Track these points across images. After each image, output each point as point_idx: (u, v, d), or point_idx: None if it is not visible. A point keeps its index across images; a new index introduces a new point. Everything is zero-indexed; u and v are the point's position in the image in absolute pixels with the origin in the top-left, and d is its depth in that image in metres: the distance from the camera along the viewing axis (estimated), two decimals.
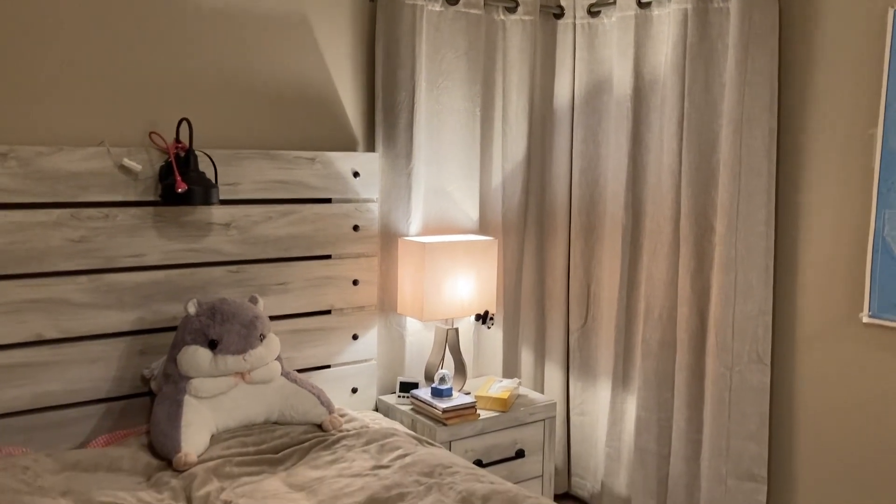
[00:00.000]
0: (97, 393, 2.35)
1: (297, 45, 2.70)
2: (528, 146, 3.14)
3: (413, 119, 2.83)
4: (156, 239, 2.40)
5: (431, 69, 2.88)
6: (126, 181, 2.34)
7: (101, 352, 2.34)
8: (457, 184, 3.00)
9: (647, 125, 2.94)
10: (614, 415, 3.07)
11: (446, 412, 2.63)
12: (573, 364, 3.24)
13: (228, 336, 2.26)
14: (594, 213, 3.15)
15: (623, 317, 3.03)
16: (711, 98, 2.71)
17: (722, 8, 2.66)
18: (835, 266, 2.53)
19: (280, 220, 2.62)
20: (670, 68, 2.77)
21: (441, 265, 2.73)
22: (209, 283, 2.51)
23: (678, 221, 2.80)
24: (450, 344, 2.86)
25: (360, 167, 2.77)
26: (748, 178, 2.60)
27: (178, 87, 2.49)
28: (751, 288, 2.64)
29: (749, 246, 2.63)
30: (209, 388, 2.25)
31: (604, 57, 3.07)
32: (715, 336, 2.67)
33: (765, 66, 2.57)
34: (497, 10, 3.03)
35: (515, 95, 3.09)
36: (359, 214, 2.79)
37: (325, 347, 2.75)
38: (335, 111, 2.81)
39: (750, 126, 2.59)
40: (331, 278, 2.74)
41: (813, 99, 2.55)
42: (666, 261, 2.85)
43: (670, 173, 2.80)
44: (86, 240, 2.29)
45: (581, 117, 3.14)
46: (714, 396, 2.68)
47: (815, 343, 2.59)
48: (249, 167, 2.54)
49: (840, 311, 2.52)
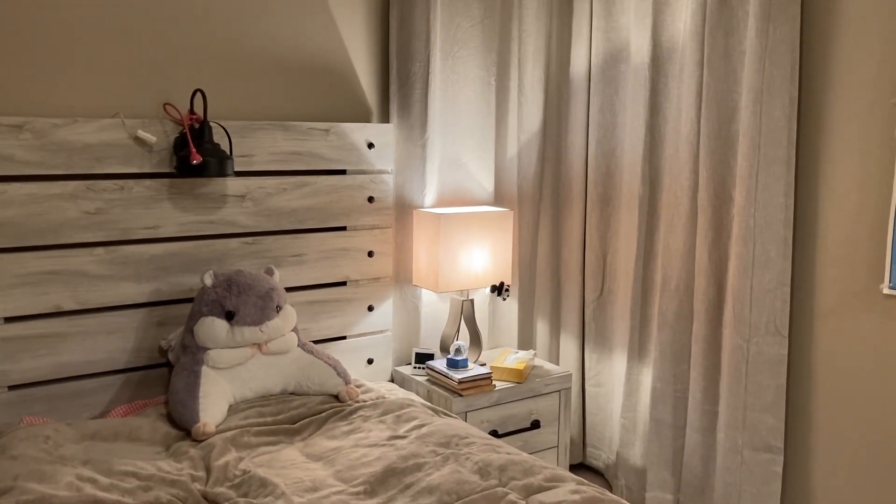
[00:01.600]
0: (115, 364, 2.37)
1: (311, 14, 2.67)
2: (544, 116, 3.11)
3: (428, 89, 2.80)
4: (171, 211, 2.40)
5: (446, 38, 2.85)
6: (141, 153, 2.33)
7: (119, 323, 2.36)
8: (472, 155, 2.98)
9: (664, 94, 2.90)
10: (630, 386, 3.07)
11: (462, 383, 2.64)
12: (588, 336, 3.24)
13: (245, 307, 2.27)
14: (610, 184, 3.12)
15: (639, 288, 3.02)
16: (731, 67, 2.66)
17: None
18: (855, 237, 2.49)
19: (295, 192, 2.61)
20: (689, 36, 2.72)
21: (456, 236, 2.72)
22: (225, 254, 2.51)
23: (696, 192, 2.77)
24: (465, 315, 2.86)
25: (374, 138, 2.75)
26: (768, 149, 2.57)
27: (192, 58, 2.47)
28: (769, 259, 2.61)
29: (768, 217, 2.60)
30: (226, 359, 2.26)
31: (621, 25, 3.02)
32: (732, 308, 2.66)
33: (786, 34, 2.52)
34: None
35: (531, 64, 3.06)
36: (373, 186, 2.77)
37: (341, 318, 2.76)
38: (349, 82, 2.78)
39: (770, 95, 2.54)
40: (346, 250, 2.74)
41: (835, 68, 2.51)
42: (683, 231, 2.82)
43: (688, 143, 2.77)
44: (102, 212, 2.29)
45: (598, 86, 3.10)
46: (731, 368, 2.67)
47: (834, 315, 2.57)
48: (264, 139, 2.53)
49: (860, 282, 2.49)
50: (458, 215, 2.74)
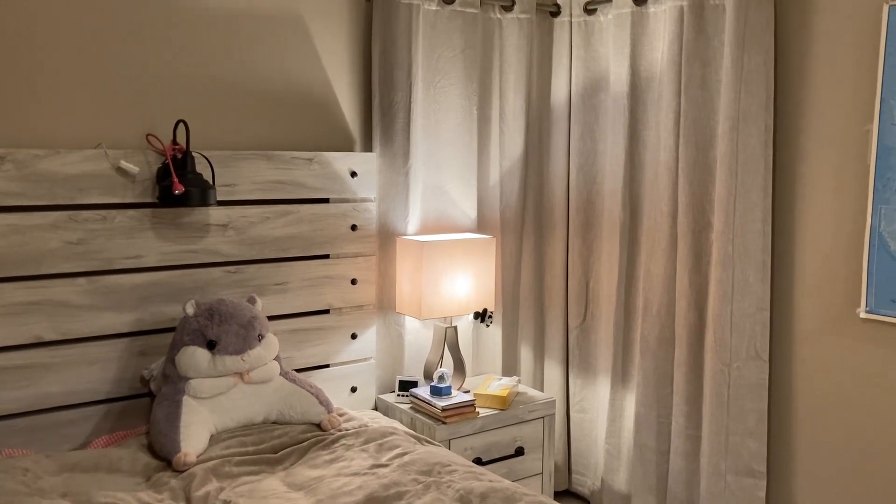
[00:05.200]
0: (96, 394, 2.36)
1: (294, 45, 2.70)
2: (526, 144, 3.15)
3: (410, 118, 2.83)
4: (154, 240, 2.41)
5: (428, 68, 2.89)
6: (123, 183, 2.34)
7: (101, 353, 2.35)
8: (454, 182, 3.01)
9: (643, 122, 2.94)
10: (614, 412, 3.07)
11: (445, 410, 2.64)
12: (572, 361, 3.25)
13: (227, 336, 2.27)
14: (592, 210, 3.15)
15: (622, 313, 3.04)
16: (708, 95, 2.71)
17: (718, 5, 2.66)
18: (832, 262, 2.53)
19: (278, 221, 2.63)
20: (667, 65, 2.77)
21: (439, 264, 2.74)
22: (207, 283, 2.51)
23: (675, 218, 2.81)
24: (448, 342, 2.87)
25: (357, 167, 2.78)
26: (745, 175, 2.61)
27: (175, 88, 2.49)
28: (748, 284, 2.64)
29: (746, 242, 2.63)
30: (208, 389, 2.26)
31: (600, 54, 3.07)
32: (713, 332, 2.68)
33: (761, 63, 2.57)
34: (493, 8, 3.03)
35: (512, 93, 3.10)
36: (356, 214, 2.79)
37: (324, 347, 2.76)
38: (332, 111, 2.81)
39: (746, 123, 2.59)
40: (329, 278, 2.75)
41: (809, 96, 2.56)
42: (664, 257, 2.85)
43: (667, 170, 2.81)
44: (84, 242, 2.30)
45: (578, 115, 3.15)
46: (713, 393, 2.69)
47: (813, 339, 2.60)
48: (247, 168, 2.55)
49: (837, 306, 2.52)
50: (440, 242, 2.76)
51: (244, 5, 2.59)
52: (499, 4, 3.02)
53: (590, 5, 3.07)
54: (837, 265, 2.51)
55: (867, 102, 2.40)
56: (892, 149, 2.34)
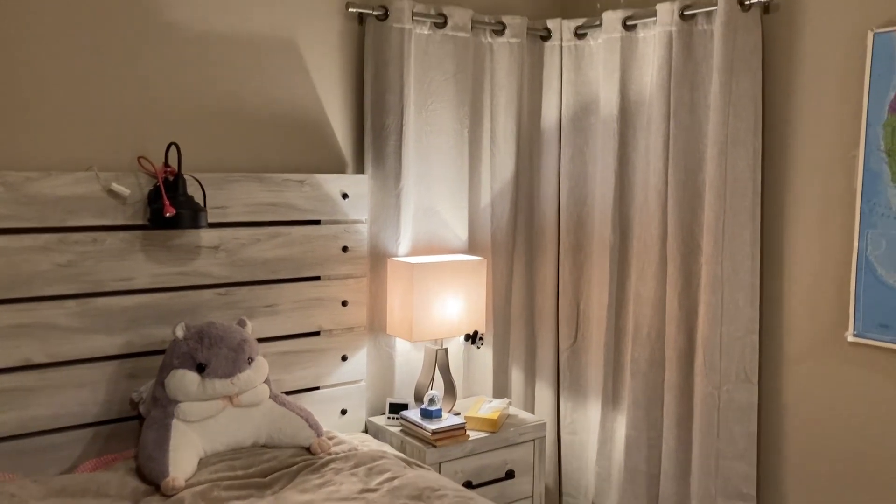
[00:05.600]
0: (85, 417, 2.35)
1: (286, 68, 2.72)
2: (517, 166, 3.16)
3: (402, 141, 2.85)
4: (144, 262, 2.41)
5: (420, 91, 2.91)
6: (114, 205, 2.35)
7: (90, 376, 2.34)
8: (446, 204, 3.02)
9: (633, 145, 2.97)
10: (604, 434, 3.07)
11: (436, 433, 2.63)
12: (563, 383, 3.25)
13: (216, 360, 2.26)
14: (582, 232, 3.17)
15: (612, 335, 3.05)
16: (697, 119, 2.74)
17: (706, 31, 2.70)
18: (820, 286, 2.54)
19: (269, 243, 2.63)
20: (656, 90, 2.80)
21: (430, 285, 2.74)
22: (198, 305, 2.51)
23: (665, 241, 2.82)
24: (439, 364, 2.87)
25: (349, 189, 2.79)
26: (734, 199, 2.63)
27: (166, 111, 2.50)
28: (737, 307, 2.66)
29: (735, 265, 2.65)
30: (197, 412, 2.25)
31: (590, 78, 3.10)
32: (703, 355, 2.69)
33: (748, 88, 2.60)
34: (484, 32, 3.06)
35: (503, 116, 3.12)
36: (348, 236, 2.80)
37: (315, 369, 2.76)
38: (324, 134, 2.82)
39: (735, 147, 2.62)
40: (320, 300, 2.75)
41: (796, 121, 2.58)
42: (654, 279, 2.87)
43: (657, 193, 2.83)
44: (74, 264, 2.30)
45: (568, 137, 3.17)
46: (703, 416, 2.69)
47: (802, 362, 2.61)
48: (238, 190, 2.56)
49: (825, 330, 2.53)
50: (431, 264, 2.77)
51: (237, 28, 2.61)
52: (490, 29, 3.05)
53: (580, 30, 3.10)
54: (825, 289, 2.53)
55: (853, 128, 2.43)
56: (877, 174, 2.36)
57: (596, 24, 3.03)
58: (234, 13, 2.60)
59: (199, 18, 2.54)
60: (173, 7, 2.49)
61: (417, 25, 2.86)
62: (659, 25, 2.78)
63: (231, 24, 2.60)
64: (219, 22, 2.57)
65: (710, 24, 2.68)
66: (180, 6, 2.50)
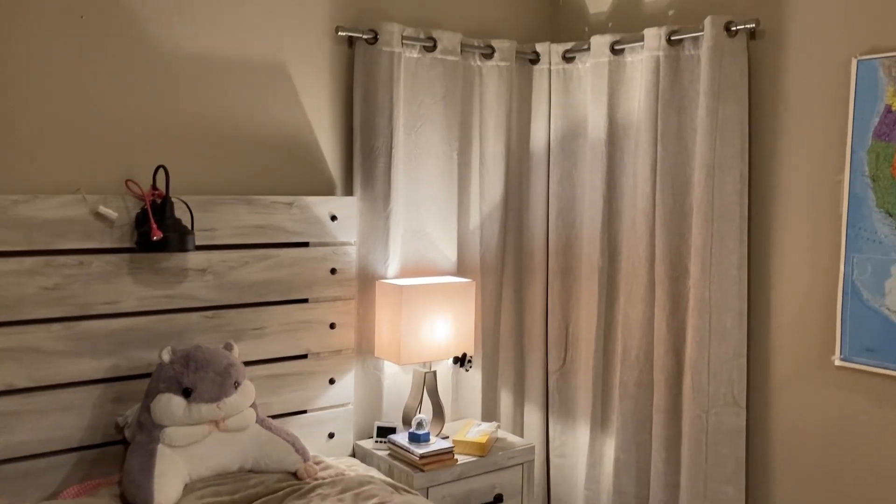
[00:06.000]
0: (69, 442, 2.32)
1: (275, 90, 2.72)
2: (506, 188, 3.17)
3: (391, 163, 2.86)
4: (131, 285, 2.40)
5: (409, 114, 2.92)
6: (102, 228, 2.34)
7: (74, 400, 2.32)
8: (435, 226, 3.02)
9: (621, 169, 2.98)
10: (593, 457, 3.06)
11: (423, 458, 2.62)
12: (552, 406, 3.24)
13: (202, 384, 2.25)
14: (571, 255, 3.17)
15: (600, 358, 3.05)
16: (684, 143, 2.76)
17: (693, 56, 2.72)
18: (807, 309, 2.56)
19: (257, 265, 2.62)
20: (643, 114, 2.82)
21: (418, 308, 2.74)
22: (185, 329, 2.50)
23: (653, 263, 2.83)
24: (427, 387, 2.86)
25: (337, 211, 2.79)
26: (721, 223, 2.64)
27: (155, 133, 2.50)
28: (725, 331, 2.66)
29: (723, 289, 2.65)
30: (183, 437, 2.24)
31: (578, 101, 3.12)
32: (691, 378, 2.69)
33: (735, 113, 2.62)
34: (474, 56, 3.08)
35: (492, 139, 3.13)
36: (336, 258, 2.79)
37: (302, 392, 2.74)
38: (313, 156, 2.83)
39: (722, 171, 2.63)
40: (307, 322, 2.74)
41: (782, 146, 2.61)
42: (642, 302, 2.87)
43: (644, 216, 2.84)
44: (60, 287, 2.28)
45: (557, 160, 3.18)
46: (691, 439, 2.69)
47: (790, 386, 2.61)
48: (227, 213, 2.55)
49: (813, 354, 2.54)
50: (420, 286, 2.77)
51: (226, 50, 2.61)
52: (479, 52, 3.07)
53: (568, 53, 3.12)
54: (812, 313, 2.54)
55: (838, 153, 2.45)
56: (862, 199, 2.38)
57: (584, 48, 3.05)
58: (223, 35, 2.60)
59: (188, 41, 2.54)
60: (162, 29, 2.49)
61: (407, 49, 2.88)
62: (646, 50, 2.80)
63: (220, 47, 2.60)
64: (208, 44, 2.58)
65: (696, 50, 2.70)
66: (169, 28, 2.50)
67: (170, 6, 2.50)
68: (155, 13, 2.47)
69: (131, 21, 2.43)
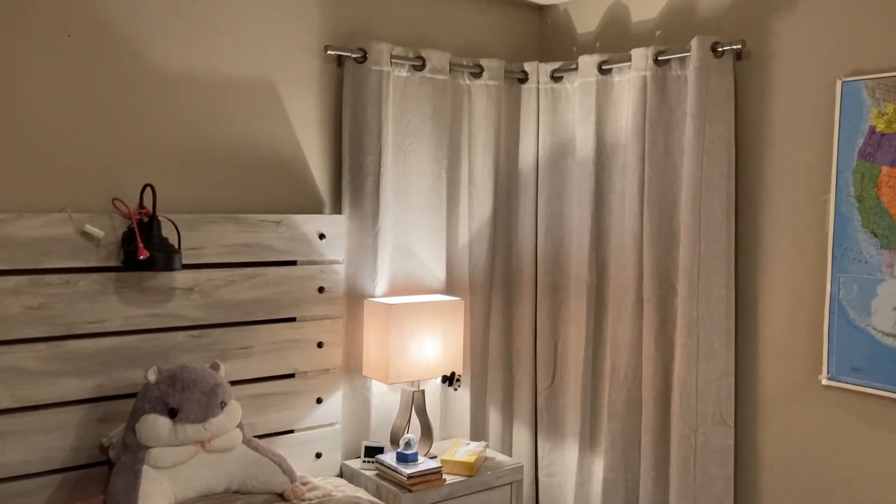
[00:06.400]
0: (53, 463, 2.30)
1: (264, 109, 2.72)
2: (494, 207, 3.18)
3: (380, 181, 2.86)
4: (117, 304, 2.38)
5: (398, 133, 2.92)
6: (88, 247, 2.32)
7: (59, 420, 2.30)
8: (423, 244, 3.02)
9: (609, 187, 2.99)
10: (582, 476, 3.05)
11: (411, 478, 2.60)
12: (541, 424, 3.23)
13: (188, 404, 2.23)
14: (560, 273, 3.18)
15: (589, 376, 3.04)
16: (671, 163, 2.77)
17: (679, 76, 2.74)
18: (794, 329, 2.56)
19: (244, 284, 2.61)
20: (631, 133, 2.84)
21: (406, 326, 2.73)
22: (171, 348, 2.48)
23: (641, 282, 2.84)
24: (416, 406, 2.84)
25: (325, 229, 2.78)
26: (708, 242, 2.65)
27: (142, 152, 2.50)
28: (713, 350, 2.67)
29: (711, 308, 2.66)
30: (168, 458, 2.21)
31: (566, 120, 3.14)
32: (679, 397, 2.69)
33: (722, 133, 2.64)
34: (462, 75, 3.09)
35: (481, 157, 3.14)
36: (324, 276, 2.79)
37: (289, 412, 2.72)
38: (302, 174, 2.83)
39: (709, 191, 2.64)
40: (295, 341, 2.73)
41: (768, 165, 2.62)
42: (630, 321, 2.87)
43: (632, 235, 2.85)
44: (45, 306, 2.27)
45: (545, 179, 3.19)
46: (679, 458, 2.69)
47: (777, 405, 2.62)
48: (214, 231, 2.54)
49: (800, 373, 2.55)
50: (408, 305, 2.76)
51: (215, 69, 2.61)
52: (468, 71, 3.08)
53: (556, 73, 3.14)
54: (799, 332, 2.55)
55: (824, 173, 2.46)
56: (848, 219, 2.40)
57: (572, 67, 3.07)
58: (211, 54, 2.61)
59: (176, 58, 2.54)
60: (150, 47, 2.49)
61: (396, 68, 2.89)
62: (633, 70, 2.82)
63: (208, 65, 2.60)
64: (196, 63, 2.58)
65: (683, 70, 2.72)
66: (157, 46, 2.50)
67: (158, 24, 2.50)
68: (143, 31, 2.47)
69: (119, 40, 2.43)
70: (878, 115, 2.32)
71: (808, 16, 2.50)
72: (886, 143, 2.31)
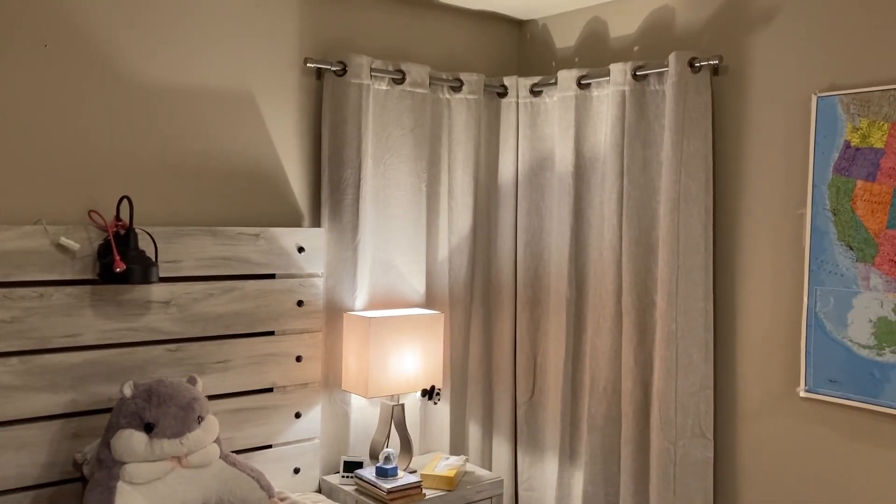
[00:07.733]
0: (25, 480, 2.25)
1: (243, 121, 2.71)
2: (474, 220, 3.18)
3: (359, 195, 2.85)
4: (92, 318, 2.35)
5: (378, 146, 2.92)
6: (63, 260, 2.29)
7: (31, 436, 2.26)
8: (403, 258, 3.01)
9: (588, 201, 3.00)
10: (562, 490, 3.05)
11: (391, 493, 2.58)
12: (521, 438, 3.22)
13: (165, 419, 2.20)
14: (539, 286, 3.18)
15: (569, 390, 3.04)
16: (649, 176, 2.79)
17: (657, 91, 2.77)
18: (771, 341, 2.58)
19: (222, 297, 2.59)
20: (609, 147, 2.85)
21: (386, 340, 2.72)
22: (147, 362, 2.45)
23: (620, 295, 2.85)
24: (395, 421, 2.82)
25: (304, 242, 2.77)
26: (686, 255, 2.67)
27: (119, 164, 2.47)
28: (692, 362, 2.68)
29: (689, 321, 2.67)
30: (144, 474, 2.18)
31: (546, 135, 3.15)
32: (658, 410, 2.69)
33: (699, 147, 2.67)
34: (442, 89, 3.10)
35: (461, 171, 3.14)
36: (303, 290, 2.77)
37: (267, 426, 2.69)
38: (281, 187, 2.81)
39: (687, 204, 2.66)
40: (273, 355, 2.70)
41: (746, 180, 2.65)
42: (609, 334, 2.88)
43: (611, 248, 2.86)
44: (18, 320, 2.23)
45: (525, 192, 3.20)
46: (659, 471, 2.69)
47: (756, 417, 2.63)
48: (192, 244, 2.52)
49: (778, 385, 2.56)
50: (388, 318, 2.75)
51: (193, 80, 2.60)
52: (447, 85, 3.09)
53: (535, 87, 3.16)
54: (777, 344, 2.57)
55: (800, 187, 2.49)
56: (824, 233, 2.42)
57: (551, 82, 3.09)
58: (190, 65, 2.59)
59: (154, 70, 2.52)
60: (127, 58, 2.47)
61: (376, 81, 2.89)
62: (612, 85, 2.84)
63: (186, 77, 2.59)
64: (175, 74, 2.56)
65: (661, 85, 2.75)
66: (134, 57, 2.48)
67: (135, 35, 2.48)
68: (120, 42, 2.45)
69: (96, 50, 2.41)
70: (853, 130, 2.36)
71: (784, 32, 2.54)
72: (861, 157, 2.34)
